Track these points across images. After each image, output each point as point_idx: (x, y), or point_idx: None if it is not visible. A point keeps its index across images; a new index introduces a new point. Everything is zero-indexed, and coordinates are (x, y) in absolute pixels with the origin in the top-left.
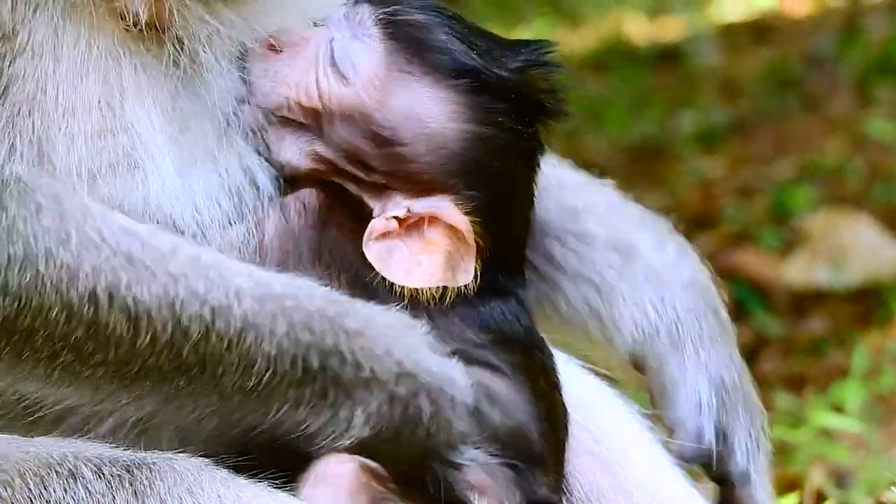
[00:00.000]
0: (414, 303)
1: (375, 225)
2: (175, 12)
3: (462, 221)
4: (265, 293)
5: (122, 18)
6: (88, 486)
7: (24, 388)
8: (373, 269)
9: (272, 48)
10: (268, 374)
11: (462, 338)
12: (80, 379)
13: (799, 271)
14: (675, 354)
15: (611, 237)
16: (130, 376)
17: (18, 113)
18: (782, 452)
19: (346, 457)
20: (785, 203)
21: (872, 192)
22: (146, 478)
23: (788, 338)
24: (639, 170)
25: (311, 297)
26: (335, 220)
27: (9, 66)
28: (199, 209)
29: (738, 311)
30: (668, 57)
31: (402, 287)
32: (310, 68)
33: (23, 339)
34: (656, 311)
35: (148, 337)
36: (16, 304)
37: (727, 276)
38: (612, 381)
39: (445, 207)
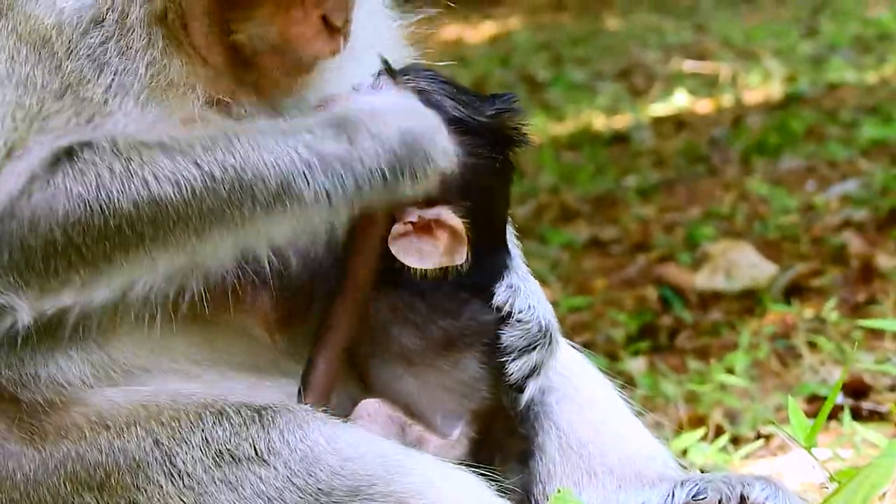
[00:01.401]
0: (424, 277)
1: (396, 228)
2: (236, 99)
3: (457, 223)
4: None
5: (197, 97)
6: (231, 420)
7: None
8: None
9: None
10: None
11: (455, 292)
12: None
13: (704, 280)
14: None
15: None
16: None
17: None
18: (693, 400)
19: (376, 400)
20: (695, 235)
21: (752, 229)
22: (270, 416)
23: (697, 324)
24: (600, 213)
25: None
26: (367, 226)
27: (98, 122)
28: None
29: (664, 306)
30: (619, 139)
31: (417, 269)
32: None
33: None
34: None
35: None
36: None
37: (658, 282)
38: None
39: (445, 214)
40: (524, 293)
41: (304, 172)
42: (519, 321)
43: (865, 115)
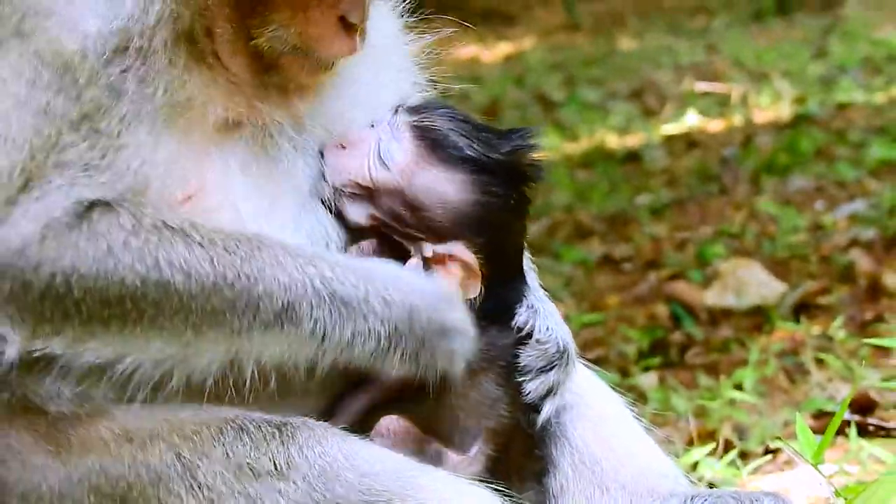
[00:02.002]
0: None
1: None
2: (254, 113)
3: (471, 258)
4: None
5: (216, 115)
6: (252, 435)
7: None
8: None
9: (341, 146)
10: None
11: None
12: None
13: (714, 297)
14: None
15: None
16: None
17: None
18: (703, 415)
19: (395, 417)
20: (705, 254)
21: (762, 247)
22: (290, 431)
23: (707, 340)
24: (614, 231)
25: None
26: (386, 258)
27: (111, 158)
28: None
29: (675, 323)
30: (632, 158)
31: None
32: (364, 160)
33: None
34: None
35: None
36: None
37: (669, 299)
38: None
39: (459, 249)
40: (543, 314)
41: (311, 302)
42: (538, 342)
43: (874, 135)
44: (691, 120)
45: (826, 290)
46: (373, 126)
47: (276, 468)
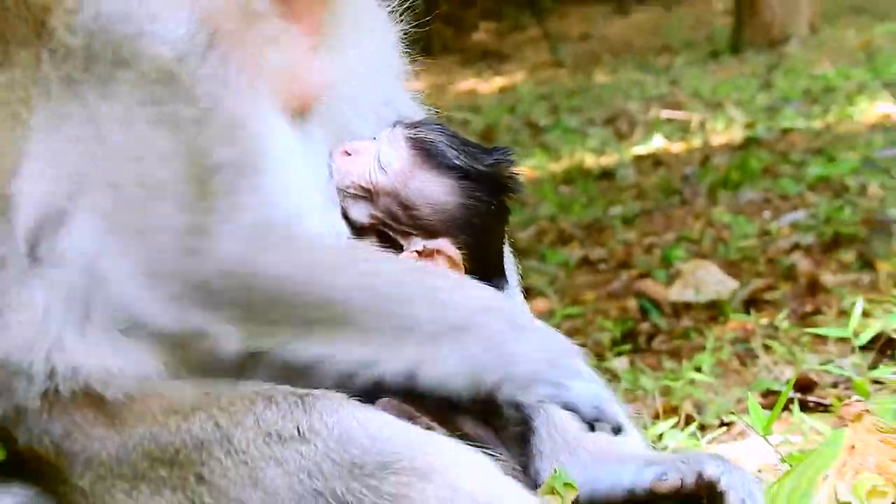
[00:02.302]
0: None
1: (403, 254)
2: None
3: (455, 253)
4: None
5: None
6: (279, 404)
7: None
8: None
9: (346, 152)
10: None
11: None
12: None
13: (676, 293)
14: None
15: None
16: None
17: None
18: (667, 393)
19: (388, 399)
20: (669, 256)
21: (717, 251)
22: (311, 401)
23: (670, 330)
24: (591, 237)
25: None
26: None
27: (246, 148)
28: None
29: (643, 315)
30: (607, 175)
31: None
32: (366, 165)
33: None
34: None
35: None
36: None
37: (638, 295)
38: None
39: (445, 245)
40: None
41: (486, 330)
42: None
43: (812, 156)
44: (657, 143)
45: (772, 287)
46: (374, 139)
47: (299, 433)
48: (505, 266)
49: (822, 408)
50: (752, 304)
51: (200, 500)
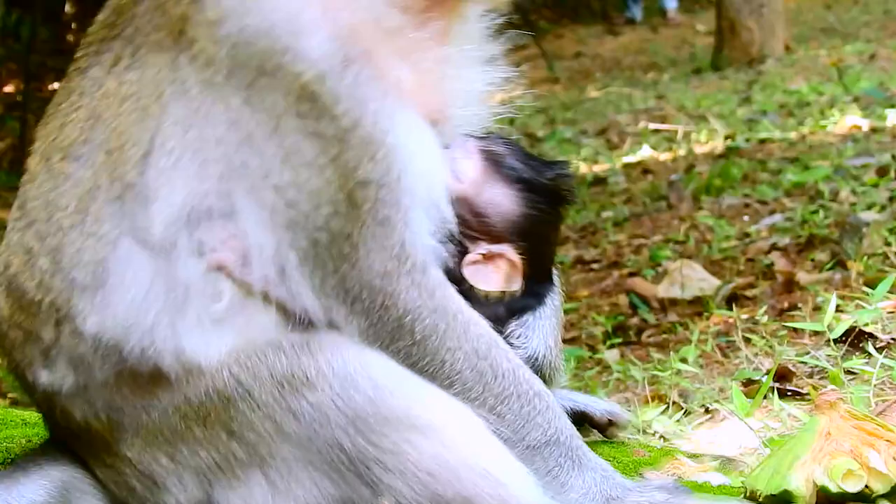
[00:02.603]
0: (485, 299)
1: (469, 256)
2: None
3: (516, 258)
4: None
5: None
6: (286, 351)
7: None
8: (466, 281)
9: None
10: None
11: (496, 312)
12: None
13: (664, 290)
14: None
15: None
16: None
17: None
18: (655, 382)
19: None
20: (656, 256)
21: (701, 251)
22: (315, 345)
23: (658, 324)
24: (585, 238)
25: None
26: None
27: (387, 164)
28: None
29: (633, 310)
30: (599, 182)
31: (481, 291)
32: None
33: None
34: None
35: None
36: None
37: (628, 291)
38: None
39: (508, 250)
40: (529, 325)
41: (537, 451)
42: (512, 346)
43: (788, 164)
44: (645, 152)
45: (752, 285)
46: (448, 148)
47: (307, 378)
48: (553, 269)
49: (799, 396)
50: (733, 300)
51: (234, 456)
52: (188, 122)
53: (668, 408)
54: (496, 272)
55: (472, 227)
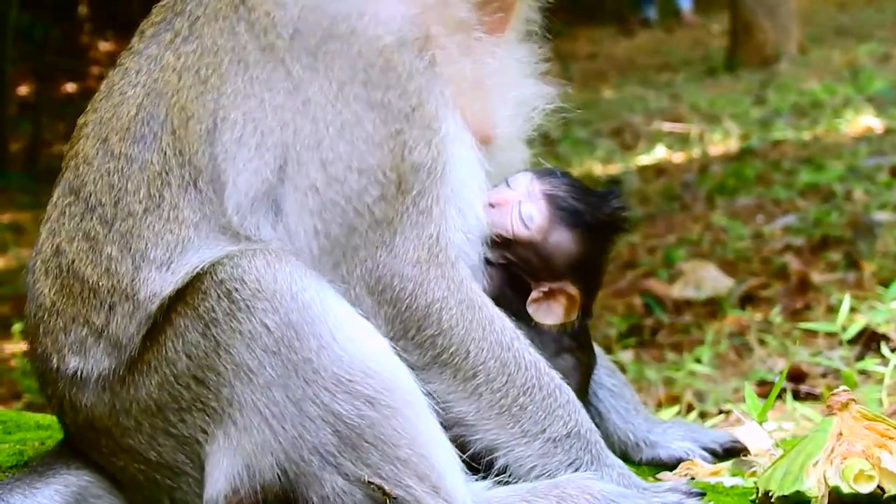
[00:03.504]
0: (548, 329)
1: (533, 295)
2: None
3: (576, 293)
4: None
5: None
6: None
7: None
8: (530, 316)
9: (490, 204)
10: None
11: (561, 342)
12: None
13: (678, 291)
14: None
15: None
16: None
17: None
18: (669, 383)
19: None
20: (671, 257)
21: (715, 251)
22: (250, 253)
23: (672, 324)
24: None
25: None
26: (507, 286)
27: (443, 157)
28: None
29: (647, 311)
30: (613, 183)
31: (545, 325)
32: (508, 218)
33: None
34: None
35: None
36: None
37: (642, 292)
38: None
39: (568, 286)
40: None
41: (558, 444)
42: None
43: (802, 164)
44: (659, 152)
45: (765, 285)
46: (509, 186)
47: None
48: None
49: (813, 397)
50: (747, 300)
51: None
52: (248, 92)
53: (682, 409)
54: (558, 307)
55: (534, 266)
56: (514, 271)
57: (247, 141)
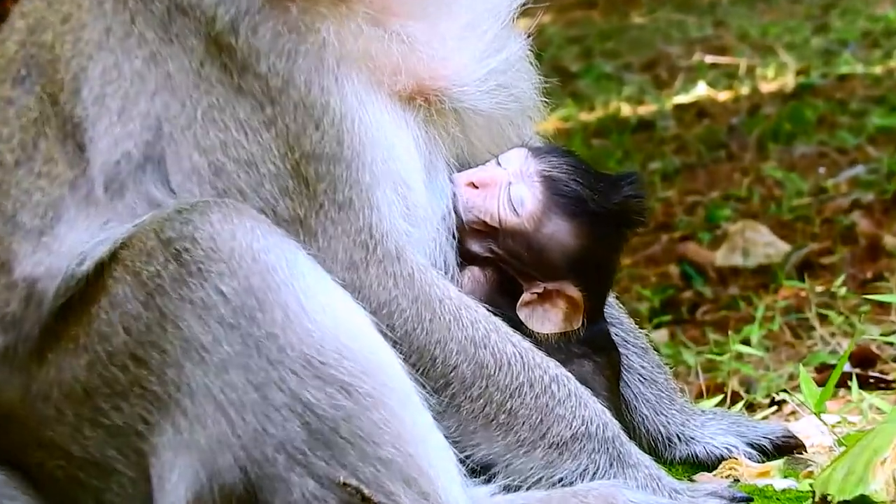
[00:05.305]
0: (545, 339)
1: (524, 297)
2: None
3: (576, 294)
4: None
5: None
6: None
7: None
8: (521, 322)
9: (472, 184)
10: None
11: (569, 350)
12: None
13: (723, 257)
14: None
15: None
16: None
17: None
18: (712, 369)
19: None
20: (714, 216)
21: (768, 210)
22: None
23: (716, 298)
24: None
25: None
26: (497, 288)
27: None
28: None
29: (685, 282)
30: (645, 126)
31: (541, 334)
32: (494, 202)
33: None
34: None
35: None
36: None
37: (680, 259)
38: None
39: (567, 286)
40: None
41: (563, 450)
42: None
43: (873, 104)
44: (701, 90)
45: (828, 250)
46: (499, 164)
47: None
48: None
49: (884, 384)
50: (806, 268)
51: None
52: (105, 45)
53: (726, 400)
54: (555, 312)
55: (525, 261)
56: (504, 268)
57: (108, 104)
